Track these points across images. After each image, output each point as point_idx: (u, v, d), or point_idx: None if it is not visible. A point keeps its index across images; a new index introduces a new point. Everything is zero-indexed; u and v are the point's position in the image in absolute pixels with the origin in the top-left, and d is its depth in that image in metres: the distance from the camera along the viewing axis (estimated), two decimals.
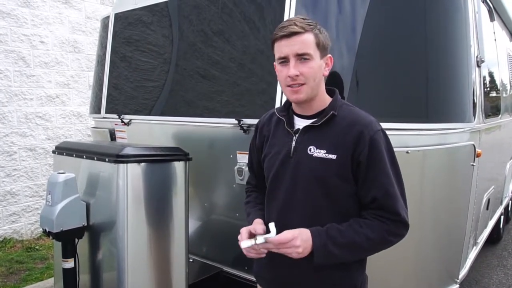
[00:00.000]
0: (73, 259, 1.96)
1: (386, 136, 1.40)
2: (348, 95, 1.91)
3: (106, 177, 1.90)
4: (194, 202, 2.45)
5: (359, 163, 1.36)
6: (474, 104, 2.16)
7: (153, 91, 2.70)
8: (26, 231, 4.77)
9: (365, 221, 1.38)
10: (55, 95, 4.99)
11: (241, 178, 2.24)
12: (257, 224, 1.48)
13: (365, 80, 1.97)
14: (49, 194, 1.93)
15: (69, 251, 1.95)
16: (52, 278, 3.43)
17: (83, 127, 5.29)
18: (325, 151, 1.38)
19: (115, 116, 2.81)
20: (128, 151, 1.88)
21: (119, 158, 1.84)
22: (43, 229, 1.92)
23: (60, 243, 1.97)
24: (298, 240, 1.31)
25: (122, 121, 2.66)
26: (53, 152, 2.20)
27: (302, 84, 1.38)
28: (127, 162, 1.84)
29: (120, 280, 1.87)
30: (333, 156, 1.36)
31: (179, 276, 2.06)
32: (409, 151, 1.89)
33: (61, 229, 1.87)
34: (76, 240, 1.96)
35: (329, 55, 1.43)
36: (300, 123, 1.46)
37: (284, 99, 1.99)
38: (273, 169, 1.49)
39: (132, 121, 2.74)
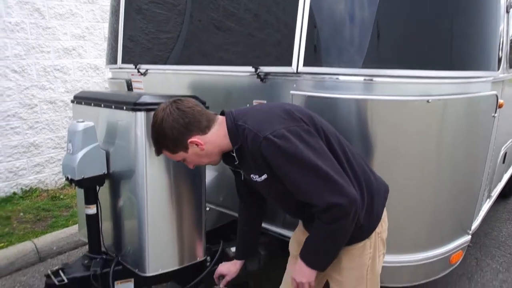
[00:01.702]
0: (95, 205, 1.99)
1: (272, 141, 1.41)
2: (369, 43, 1.82)
3: (124, 125, 1.88)
4: None
5: (271, 174, 1.50)
6: (500, 53, 2.05)
7: (168, 41, 2.63)
8: (51, 181, 4.90)
9: (315, 225, 1.52)
10: (72, 48, 4.94)
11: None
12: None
13: (386, 26, 1.86)
14: (70, 142, 1.93)
15: (91, 198, 1.97)
16: (77, 225, 3.55)
17: (100, 80, 5.27)
18: (257, 176, 1.55)
19: (132, 66, 2.76)
20: (145, 99, 1.84)
21: (136, 106, 1.80)
22: (65, 176, 1.94)
23: (82, 191, 1.99)
24: (298, 278, 1.60)
25: (139, 71, 2.62)
26: (72, 101, 2.18)
27: (202, 164, 1.69)
28: (145, 110, 1.81)
29: (140, 228, 1.90)
30: (264, 176, 1.53)
31: (197, 223, 2.08)
32: (430, 100, 1.81)
33: (82, 176, 1.88)
34: (98, 187, 1.98)
35: (189, 140, 1.54)
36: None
37: (303, 46, 1.92)
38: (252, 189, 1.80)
39: (148, 71, 2.69)
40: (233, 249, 2.24)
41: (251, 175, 1.58)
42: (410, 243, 2.11)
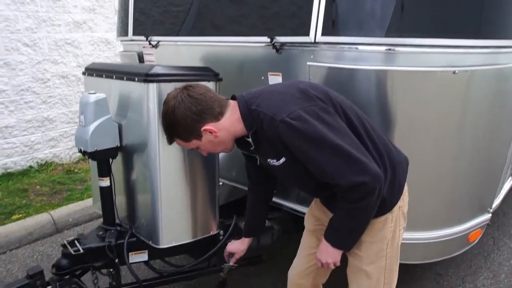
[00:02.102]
0: (108, 178, 1.97)
1: (289, 123, 1.36)
2: (391, 10, 1.72)
3: (136, 97, 1.84)
4: None
5: (290, 157, 1.46)
6: None
7: (180, 12, 2.55)
8: (65, 155, 4.94)
9: (338, 205, 1.49)
10: (82, 21, 4.88)
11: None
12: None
13: None
14: (82, 114, 1.90)
15: (104, 170, 1.95)
16: (91, 198, 3.58)
17: (112, 54, 5.22)
18: (275, 160, 1.50)
19: (143, 38, 2.70)
20: (157, 70, 1.78)
21: (148, 77, 1.75)
22: (78, 149, 1.92)
23: (95, 164, 1.98)
24: (324, 259, 1.60)
25: (150, 43, 2.56)
26: (83, 73, 2.14)
27: (216, 151, 1.66)
28: (157, 81, 1.75)
29: (153, 201, 1.88)
30: (283, 160, 1.48)
31: (210, 197, 2.06)
32: (456, 71, 1.71)
33: (95, 148, 1.86)
34: (111, 160, 1.95)
35: (202, 128, 1.49)
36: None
37: (321, 15, 1.83)
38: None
39: (160, 43, 2.63)
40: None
41: (268, 160, 1.53)
42: (428, 220, 2.05)
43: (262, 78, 2.20)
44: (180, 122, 1.48)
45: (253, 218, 2.03)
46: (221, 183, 2.43)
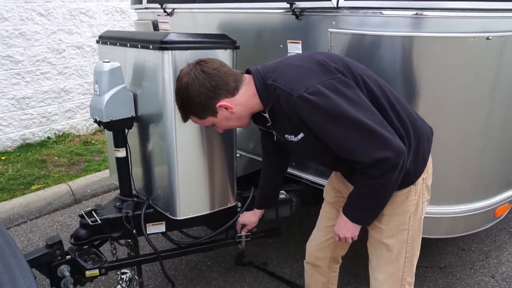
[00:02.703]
0: (124, 148, 1.95)
1: (308, 98, 1.31)
2: None
3: (151, 66, 1.79)
4: None
5: (308, 133, 1.42)
6: None
7: None
8: (82, 126, 4.98)
9: (359, 180, 1.46)
10: None
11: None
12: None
13: None
14: (96, 83, 1.87)
15: (120, 141, 1.93)
16: (108, 169, 3.62)
17: (126, 24, 5.16)
18: (293, 136, 1.46)
19: (157, 6, 2.63)
20: (173, 37, 1.73)
21: (163, 44, 1.70)
22: (93, 118, 1.91)
23: (111, 135, 1.96)
24: (342, 233, 1.59)
25: (165, 11, 2.49)
26: (97, 41, 2.10)
27: (232, 128, 1.71)
28: (172, 49, 1.70)
29: (170, 172, 1.87)
30: (301, 135, 1.44)
31: (228, 169, 2.04)
32: (490, 37, 1.61)
33: (110, 118, 1.83)
34: (126, 130, 1.93)
35: (217, 104, 1.44)
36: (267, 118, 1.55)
37: None
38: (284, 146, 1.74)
39: (175, 11, 2.56)
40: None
41: (286, 135, 1.50)
42: (454, 194, 2.00)
43: (281, 46, 2.14)
44: (194, 99, 1.43)
45: (266, 190, 2.02)
46: (238, 155, 2.42)
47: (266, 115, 1.50)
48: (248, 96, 1.47)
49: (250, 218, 2.09)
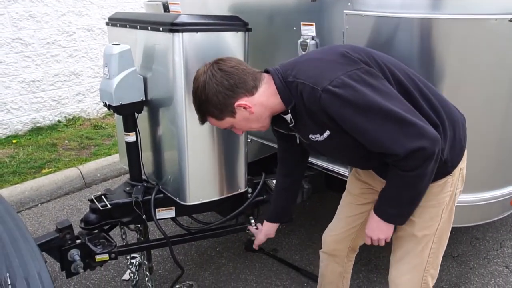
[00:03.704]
0: (134, 133, 1.95)
1: (333, 92, 1.26)
2: None
3: (162, 49, 1.77)
4: None
5: (335, 129, 1.36)
6: None
7: None
8: (92, 110, 5.00)
9: (392, 173, 1.39)
10: None
11: (305, 53, 2.02)
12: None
13: None
14: (106, 66, 1.86)
15: (130, 125, 1.93)
16: (118, 154, 3.64)
17: (137, 6, 5.12)
18: (318, 135, 1.41)
19: None
20: (183, 19, 1.70)
21: (174, 26, 1.67)
22: (103, 102, 1.90)
23: (121, 119, 1.95)
24: (376, 235, 1.53)
25: None
26: (106, 23, 2.08)
27: (252, 130, 1.53)
28: (182, 31, 1.68)
29: (180, 157, 1.86)
30: (327, 133, 1.39)
31: (239, 154, 2.02)
32: None
33: (120, 102, 1.83)
34: (136, 114, 1.93)
35: (236, 103, 1.39)
36: (288, 119, 1.48)
37: None
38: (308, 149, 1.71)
39: None
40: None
41: (310, 136, 1.44)
42: (471, 183, 1.92)
43: (294, 28, 2.10)
44: (211, 99, 1.38)
45: (280, 202, 1.93)
46: (249, 140, 2.40)
47: (288, 116, 1.45)
48: (268, 96, 1.42)
49: (270, 232, 2.01)
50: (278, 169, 1.86)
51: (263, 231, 2.01)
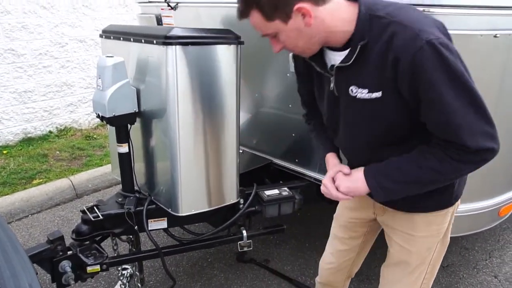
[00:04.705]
0: (127, 144, 1.97)
1: (436, 48, 1.05)
2: None
3: (155, 61, 1.80)
4: (244, 93, 2.35)
5: (405, 95, 1.14)
6: None
7: None
8: (84, 121, 4.98)
9: (431, 151, 1.19)
10: None
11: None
12: (334, 168, 1.42)
13: None
14: (99, 78, 1.88)
15: (123, 136, 1.95)
16: (110, 164, 3.64)
17: (130, 18, 5.15)
18: (367, 90, 1.18)
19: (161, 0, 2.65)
20: (177, 32, 1.73)
21: (167, 39, 1.70)
22: (96, 113, 1.91)
23: (114, 130, 1.97)
24: (344, 187, 1.33)
25: (169, 5, 2.50)
26: (100, 36, 2.10)
27: (294, 50, 1.27)
28: (176, 44, 1.70)
29: (172, 168, 1.88)
30: (378, 94, 1.17)
31: (231, 165, 2.04)
32: (497, 35, 1.60)
33: (113, 114, 1.84)
34: (129, 125, 1.94)
35: (297, 5, 1.11)
36: (333, 57, 1.24)
37: None
38: (325, 111, 1.40)
39: (179, 4, 2.56)
40: (267, 192, 2.26)
41: (352, 87, 1.21)
42: None
43: None
44: None
45: (324, 135, 1.57)
46: (241, 151, 2.42)
47: (344, 52, 1.20)
48: (336, 17, 1.16)
49: (336, 164, 1.49)
50: (309, 121, 1.64)
51: (334, 169, 1.44)
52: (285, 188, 2.31)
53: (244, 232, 2.21)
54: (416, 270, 1.49)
